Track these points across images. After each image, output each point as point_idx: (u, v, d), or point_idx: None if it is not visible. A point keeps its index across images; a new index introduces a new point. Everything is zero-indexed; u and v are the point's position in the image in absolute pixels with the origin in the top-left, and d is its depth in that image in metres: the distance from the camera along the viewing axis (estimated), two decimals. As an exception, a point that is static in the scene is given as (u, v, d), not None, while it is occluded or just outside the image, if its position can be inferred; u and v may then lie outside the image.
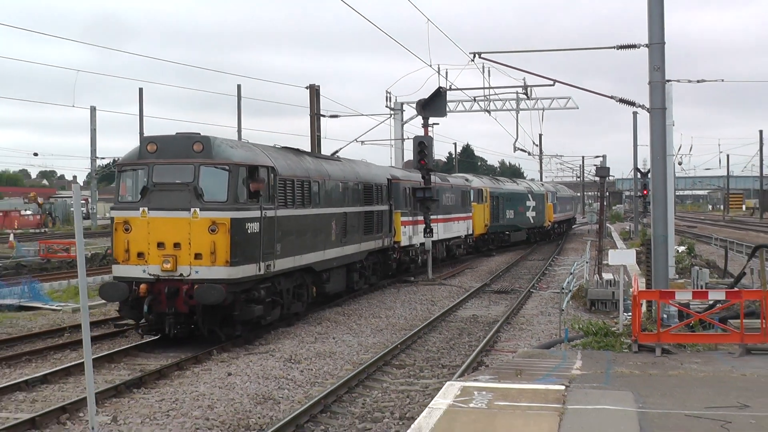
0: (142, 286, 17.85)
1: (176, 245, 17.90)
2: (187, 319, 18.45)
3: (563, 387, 12.51)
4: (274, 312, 20.40)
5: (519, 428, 10.22)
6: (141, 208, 18.13)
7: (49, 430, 12.58)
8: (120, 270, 18.65)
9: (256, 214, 18.88)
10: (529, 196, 57.87)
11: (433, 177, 37.48)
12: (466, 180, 46.28)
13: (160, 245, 17.98)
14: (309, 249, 22.29)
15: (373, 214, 28.86)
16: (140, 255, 18.15)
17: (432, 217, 36.12)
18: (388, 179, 31.44)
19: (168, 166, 18.47)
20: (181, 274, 17.91)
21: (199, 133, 19.16)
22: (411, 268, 35.15)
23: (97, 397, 13.05)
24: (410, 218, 33.75)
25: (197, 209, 17.81)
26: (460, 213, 42.59)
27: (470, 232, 44.45)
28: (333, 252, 24.37)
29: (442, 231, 38.96)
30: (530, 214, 58.20)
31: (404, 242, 32.41)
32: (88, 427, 12.00)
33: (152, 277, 17.99)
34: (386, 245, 30.99)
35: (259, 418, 13.37)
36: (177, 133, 19.31)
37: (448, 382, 13.24)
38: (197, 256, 17.86)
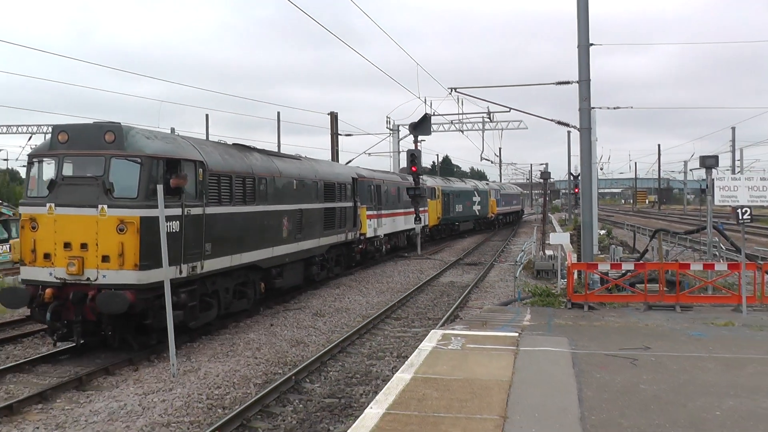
0: (48, 291, 12.54)
1: (83, 246, 12.51)
2: (97, 327, 12.95)
3: (517, 334, 12.58)
4: (207, 314, 14.84)
5: (485, 364, 10.28)
6: (48, 204, 12.74)
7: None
8: (27, 272, 13.07)
9: (176, 212, 13.22)
10: (475, 192, 54.26)
11: (394, 176, 35.81)
12: (423, 180, 42.83)
13: (67, 246, 12.57)
14: (253, 247, 16.63)
15: (335, 210, 23.50)
16: (47, 256, 12.74)
17: (396, 210, 33.65)
18: (353, 178, 26.55)
19: (78, 158, 13.12)
20: (88, 279, 12.50)
21: (120, 123, 13.30)
22: (376, 256, 31.01)
23: (181, 345, 13.09)
24: (375, 212, 29.88)
25: (105, 206, 12.49)
26: (419, 207, 38.14)
27: (426, 223, 40.30)
28: (285, 248, 18.72)
29: (403, 222, 35.35)
30: (476, 207, 54.11)
31: (370, 234, 28.72)
32: (170, 364, 12.32)
33: (59, 281, 12.61)
34: (351, 239, 25.83)
35: (293, 356, 13.49)
36: (94, 122, 13.64)
37: (432, 330, 13.24)
38: (104, 258, 12.46)
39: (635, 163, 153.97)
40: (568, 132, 54.53)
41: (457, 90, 21.67)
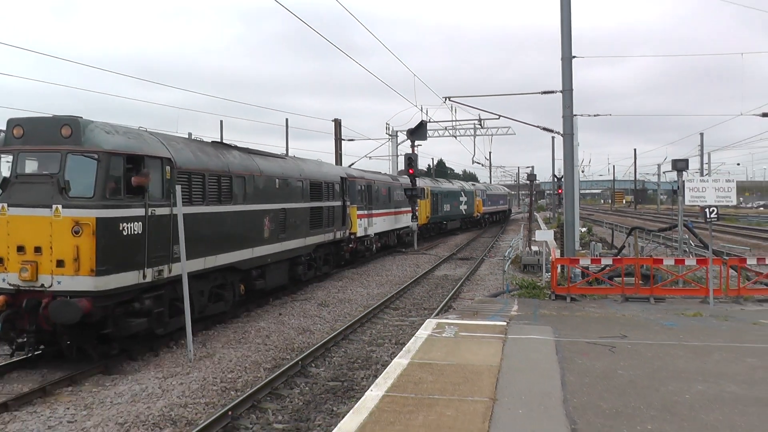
0: (0, 298, 10.76)
1: (37, 250, 10.69)
2: (54, 336, 11.13)
3: (505, 323, 12.60)
4: (180, 318, 12.55)
5: (476, 351, 10.30)
6: (0, 204, 10.95)
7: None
8: None
9: (138, 212, 11.27)
10: (462, 193, 52.07)
11: (384, 177, 33.76)
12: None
13: (20, 249, 10.76)
14: (229, 248, 14.61)
15: (322, 209, 21.36)
16: (0, 261, 10.96)
17: (386, 210, 31.75)
18: (342, 177, 24.45)
19: (33, 154, 11.23)
20: (42, 285, 10.67)
21: (79, 117, 11.23)
22: (366, 254, 29.00)
23: (197, 332, 13.06)
24: (365, 212, 28.16)
25: (59, 206, 10.64)
26: (408, 207, 36.01)
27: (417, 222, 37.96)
28: (267, 249, 16.65)
29: (393, 222, 33.30)
30: (463, 207, 51.93)
31: (360, 233, 26.98)
32: (187, 350, 12.37)
33: (12, 287, 10.81)
34: (339, 237, 23.65)
35: (300, 343, 13.50)
36: (53, 116, 11.80)
37: (428, 319, 13.26)
38: (59, 263, 10.62)
39: (613, 166, 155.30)
40: (553, 137, 54.59)
41: (451, 99, 21.72)
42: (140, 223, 11.40)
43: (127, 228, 11.06)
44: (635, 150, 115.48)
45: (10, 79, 54.41)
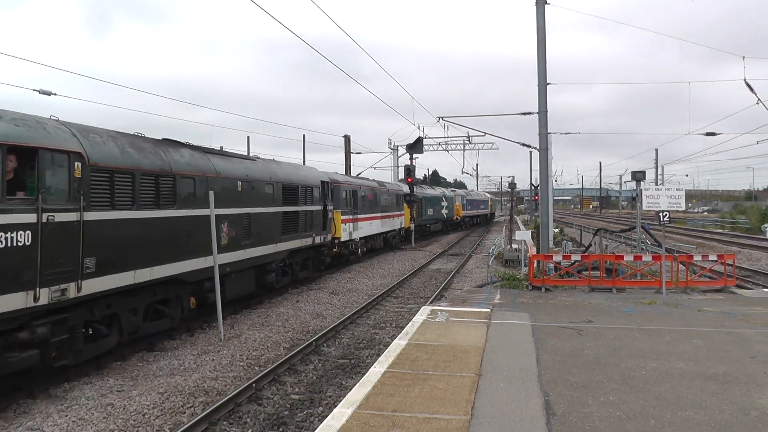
0: None
1: None
2: None
3: (489, 310, 12.58)
4: (100, 343, 9.50)
5: (464, 333, 10.30)
6: None
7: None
8: None
9: (24, 218, 7.61)
10: (443, 198, 49.19)
11: (371, 182, 30.63)
12: (399, 186, 36.58)
13: None
14: (172, 258, 10.86)
15: (297, 214, 17.55)
16: None
17: (372, 214, 28.79)
18: (324, 182, 20.71)
19: None
20: None
21: None
22: (351, 258, 25.91)
23: (227, 315, 13.10)
24: (350, 216, 25.25)
25: None
26: (395, 211, 33.65)
27: (402, 225, 35.55)
28: (224, 257, 12.76)
29: (379, 226, 30.22)
30: (444, 211, 48.60)
31: (344, 237, 24.18)
32: (218, 331, 12.36)
33: None
34: (320, 242, 19.92)
35: (314, 326, 13.48)
36: None
37: (423, 306, 13.26)
38: None
39: (582, 176, 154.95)
40: (530, 152, 54.59)
41: (444, 118, 21.75)
42: (28, 232, 7.71)
43: (6, 239, 7.39)
44: (600, 163, 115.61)
45: (66, 100, 54.52)
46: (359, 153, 43.88)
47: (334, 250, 22.98)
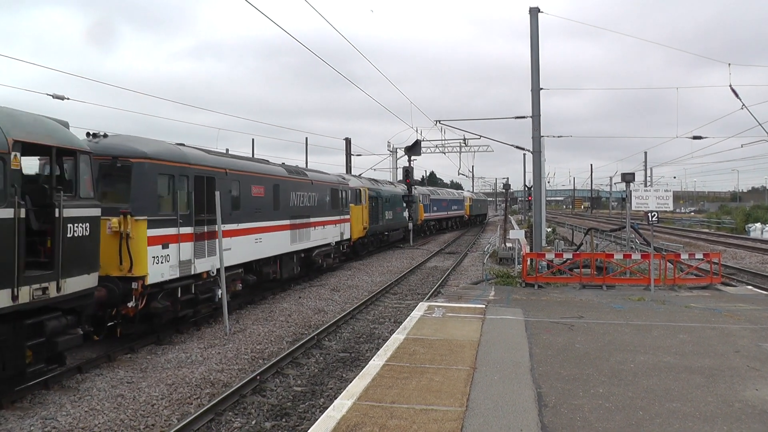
0: None
1: None
2: None
3: (484, 305, 12.57)
4: None
5: (460, 328, 10.31)
6: None
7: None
8: None
9: None
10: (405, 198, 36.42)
11: (276, 168, 17.19)
12: (343, 179, 24.56)
13: None
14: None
15: None
16: None
17: (264, 223, 15.40)
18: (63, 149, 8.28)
19: None
20: None
21: None
22: (162, 322, 11.28)
23: (231, 310, 13.16)
24: (189, 229, 11.66)
25: None
26: (330, 216, 21.23)
27: (347, 237, 23.47)
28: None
29: (288, 240, 17.11)
30: (406, 214, 36.34)
31: (156, 278, 10.54)
32: (224, 325, 12.36)
33: None
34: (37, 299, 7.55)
35: (316, 321, 13.46)
36: None
37: (420, 302, 13.26)
38: None
39: (573, 178, 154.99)
40: (524, 154, 54.34)
41: (441, 122, 21.76)
42: None
43: None
44: (591, 165, 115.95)
45: (76, 103, 54.52)
46: (359, 155, 43.86)
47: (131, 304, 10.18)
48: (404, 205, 35.51)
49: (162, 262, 10.74)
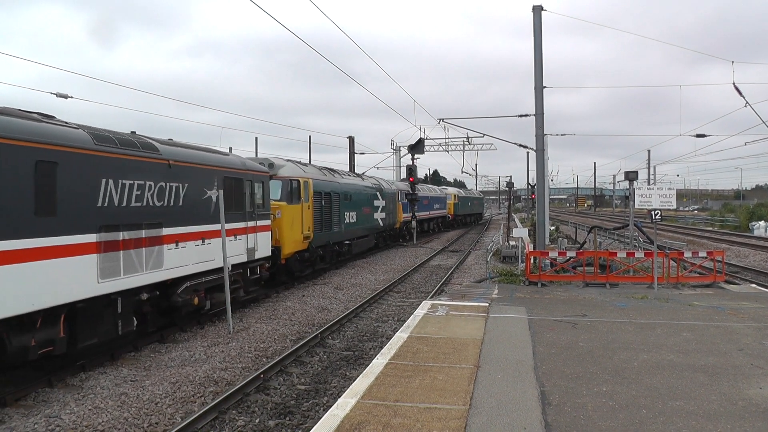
0: None
1: None
2: None
3: (487, 304, 12.57)
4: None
5: (463, 326, 10.31)
6: None
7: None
8: None
9: None
10: (378, 194, 28.49)
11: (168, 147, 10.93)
12: (270, 166, 17.37)
13: None
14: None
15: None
16: None
17: (132, 233, 9.40)
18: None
19: None
20: None
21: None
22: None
23: (235, 310, 13.48)
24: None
25: None
26: (231, 222, 12.94)
27: (262, 254, 14.83)
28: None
29: (88, 273, 8.53)
30: (379, 216, 28.48)
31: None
32: (228, 323, 12.39)
33: None
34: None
35: (319, 319, 13.48)
36: None
37: (424, 301, 13.25)
38: None
39: (577, 176, 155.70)
40: (527, 152, 54.70)
41: (444, 120, 21.61)
42: None
43: None
44: (595, 163, 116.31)
45: (76, 101, 54.58)
46: (363, 153, 43.86)
47: None
48: (374, 204, 27.75)
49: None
